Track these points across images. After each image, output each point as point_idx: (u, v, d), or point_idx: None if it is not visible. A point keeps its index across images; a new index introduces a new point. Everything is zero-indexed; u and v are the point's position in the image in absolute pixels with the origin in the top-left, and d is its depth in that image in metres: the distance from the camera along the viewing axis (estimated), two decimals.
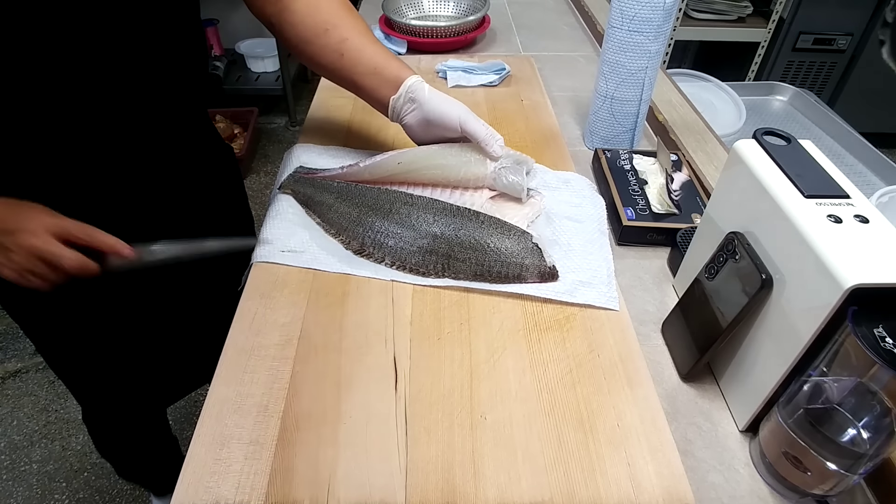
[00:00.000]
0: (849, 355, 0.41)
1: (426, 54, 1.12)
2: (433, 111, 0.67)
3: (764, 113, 1.43)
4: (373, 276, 0.62)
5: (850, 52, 2.19)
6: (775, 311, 0.47)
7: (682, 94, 1.02)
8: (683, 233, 0.68)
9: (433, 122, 0.67)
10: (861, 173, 1.22)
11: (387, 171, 0.71)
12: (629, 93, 0.81)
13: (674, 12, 0.77)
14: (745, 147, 0.53)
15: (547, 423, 0.49)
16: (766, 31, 2.15)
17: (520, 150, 0.83)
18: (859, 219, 0.45)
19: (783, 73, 2.23)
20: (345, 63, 0.69)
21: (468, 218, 0.65)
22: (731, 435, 0.53)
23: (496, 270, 0.61)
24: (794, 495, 0.48)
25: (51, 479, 1.37)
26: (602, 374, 0.53)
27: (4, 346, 1.65)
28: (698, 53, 2.54)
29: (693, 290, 0.57)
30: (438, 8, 1.27)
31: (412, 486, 0.45)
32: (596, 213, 0.70)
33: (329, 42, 0.69)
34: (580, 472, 0.46)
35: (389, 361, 0.54)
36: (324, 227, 0.68)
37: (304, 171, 0.76)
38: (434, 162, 0.69)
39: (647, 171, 0.78)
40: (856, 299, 0.40)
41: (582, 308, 0.60)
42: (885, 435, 0.42)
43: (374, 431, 0.49)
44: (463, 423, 0.49)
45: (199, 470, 0.46)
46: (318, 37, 0.69)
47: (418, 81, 0.68)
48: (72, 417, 1.49)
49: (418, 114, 0.68)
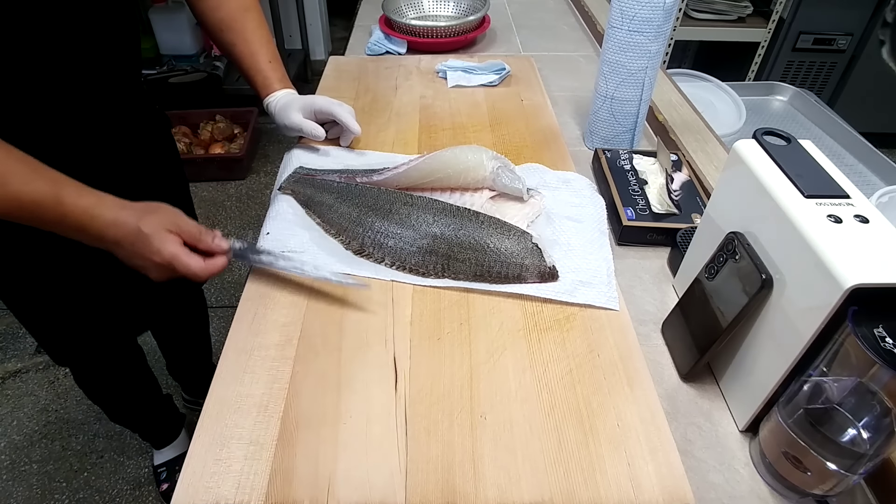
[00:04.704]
0: (849, 355, 0.41)
1: (426, 54, 1.12)
2: (282, 123, 0.80)
3: (764, 113, 1.43)
4: (373, 277, 0.62)
5: (850, 52, 2.18)
6: (775, 311, 0.47)
7: (682, 94, 1.02)
8: (683, 233, 0.68)
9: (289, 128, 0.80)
10: (861, 173, 1.21)
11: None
12: (629, 93, 0.81)
13: (674, 12, 0.77)
14: (745, 147, 0.53)
15: (547, 423, 0.49)
16: (766, 31, 2.15)
17: (520, 150, 0.83)
18: (859, 219, 0.45)
19: (783, 73, 2.23)
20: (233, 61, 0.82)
21: (468, 218, 0.65)
22: (731, 435, 0.53)
23: (496, 271, 0.61)
24: (794, 495, 0.48)
25: (51, 479, 1.37)
26: (602, 374, 0.53)
27: (4, 346, 1.65)
28: (698, 53, 2.54)
29: (693, 290, 0.57)
30: (438, 8, 1.27)
31: (412, 486, 0.45)
32: (596, 213, 0.70)
33: (222, 41, 0.81)
34: (580, 472, 0.46)
35: (389, 361, 0.54)
36: (324, 227, 0.68)
37: (304, 171, 0.76)
38: (435, 177, 0.70)
39: (647, 171, 0.78)
40: (856, 299, 0.40)
41: (582, 308, 0.60)
42: (885, 435, 0.42)
43: (374, 431, 0.49)
44: (463, 423, 0.49)
45: (199, 470, 0.46)
46: (215, 33, 0.80)
47: (274, 101, 0.81)
48: (72, 417, 1.49)
49: (278, 120, 0.81)
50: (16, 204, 0.53)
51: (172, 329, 1.27)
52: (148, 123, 0.85)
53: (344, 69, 1.03)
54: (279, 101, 0.80)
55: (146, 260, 0.58)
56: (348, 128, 0.79)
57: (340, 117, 0.78)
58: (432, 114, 0.91)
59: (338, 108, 0.79)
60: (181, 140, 2.21)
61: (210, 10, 0.79)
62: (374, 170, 0.74)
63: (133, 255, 0.58)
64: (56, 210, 0.55)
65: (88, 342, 0.96)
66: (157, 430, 1.30)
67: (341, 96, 0.88)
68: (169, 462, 1.33)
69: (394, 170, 0.72)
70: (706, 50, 2.47)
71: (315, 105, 0.79)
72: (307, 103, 0.79)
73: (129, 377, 1.12)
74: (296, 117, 0.78)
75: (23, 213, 0.54)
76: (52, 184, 0.55)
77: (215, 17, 0.79)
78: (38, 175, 0.55)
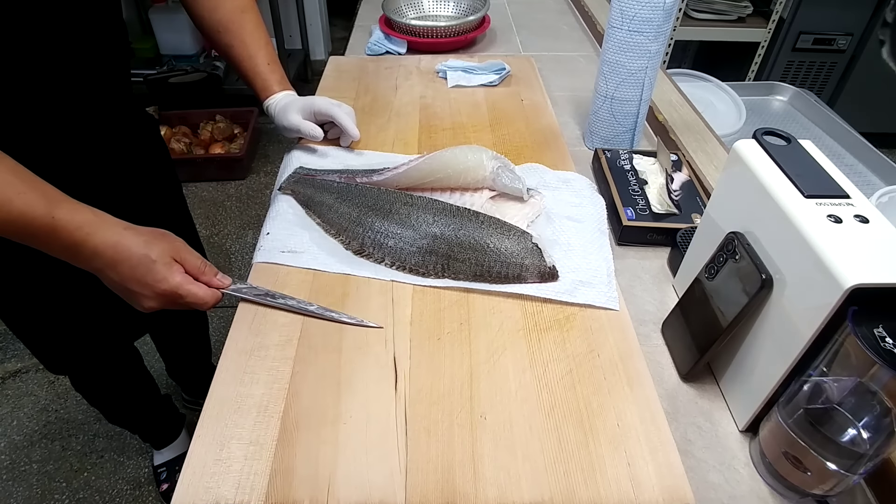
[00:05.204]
0: (849, 355, 0.41)
1: (426, 54, 1.12)
2: (281, 124, 0.80)
3: (764, 113, 1.43)
4: (373, 277, 0.62)
5: (850, 52, 2.18)
6: (775, 311, 0.47)
7: (682, 94, 1.02)
8: (683, 233, 0.68)
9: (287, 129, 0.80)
10: (861, 173, 1.21)
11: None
12: (629, 93, 0.81)
13: (674, 12, 0.77)
14: (745, 147, 0.53)
15: (547, 423, 0.49)
16: (766, 31, 2.15)
17: (519, 150, 0.83)
18: (859, 219, 0.45)
19: (783, 73, 2.23)
20: (230, 63, 0.82)
21: (468, 218, 0.65)
22: (731, 435, 0.53)
23: (496, 271, 0.61)
24: (794, 495, 0.48)
25: (51, 479, 1.37)
26: (602, 374, 0.53)
27: (4, 346, 1.65)
28: (698, 53, 2.54)
29: (693, 290, 0.57)
30: (438, 8, 1.27)
31: (412, 486, 0.45)
32: (596, 212, 0.70)
33: (220, 43, 0.80)
34: (580, 472, 0.46)
35: (389, 361, 0.54)
36: (324, 227, 0.68)
37: (304, 171, 0.76)
38: (435, 177, 0.70)
39: (647, 171, 0.78)
40: (856, 299, 0.40)
41: (582, 308, 0.60)
42: (885, 435, 0.42)
43: (374, 431, 0.49)
44: (463, 423, 0.49)
45: (199, 470, 0.46)
46: (212, 35, 0.80)
47: (273, 102, 0.80)
48: (72, 417, 1.49)
49: (277, 121, 0.81)
50: (3, 216, 0.51)
51: (171, 333, 1.27)
52: (136, 125, 0.85)
53: (344, 69, 1.03)
54: (279, 103, 0.80)
55: (147, 287, 0.56)
56: (347, 132, 0.79)
57: (339, 120, 0.78)
58: (432, 114, 0.91)
59: (337, 110, 0.78)
60: (181, 140, 2.21)
61: (207, 12, 0.78)
62: (374, 170, 0.74)
63: (130, 280, 0.56)
64: (48, 225, 0.52)
65: (84, 351, 0.95)
66: (157, 430, 1.30)
67: (341, 96, 0.88)
68: (169, 462, 1.33)
69: (394, 170, 0.72)
70: (706, 50, 2.47)
71: (314, 106, 0.78)
72: (307, 104, 0.79)
73: (126, 381, 1.12)
74: (294, 118, 0.78)
75: (11, 226, 0.52)
76: (45, 198, 0.53)
77: (212, 19, 0.78)
78: (31, 188, 0.52)
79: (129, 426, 1.25)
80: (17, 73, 0.61)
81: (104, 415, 1.16)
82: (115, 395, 1.12)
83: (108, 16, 0.70)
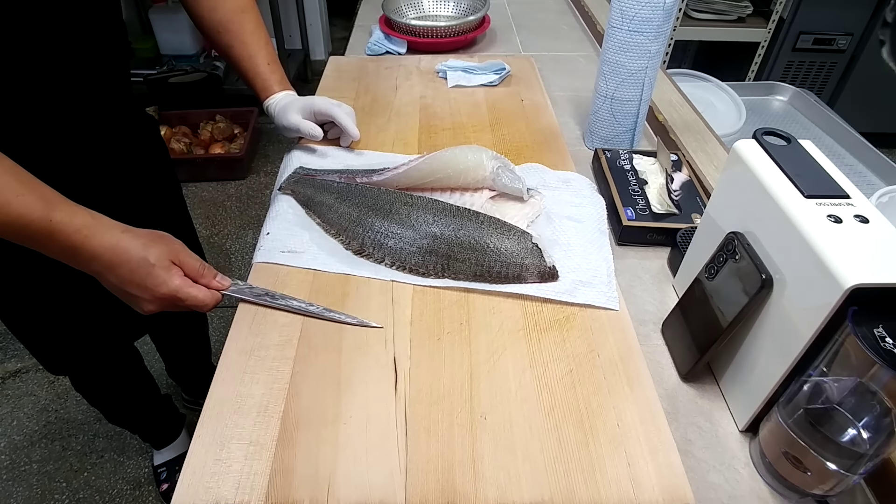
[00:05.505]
0: (849, 355, 0.41)
1: (426, 54, 1.12)
2: (281, 124, 0.80)
3: (764, 113, 1.43)
4: (373, 277, 0.62)
5: (850, 52, 2.18)
6: (775, 311, 0.47)
7: (682, 94, 1.02)
8: (683, 233, 0.68)
9: (287, 129, 0.80)
10: (861, 173, 1.22)
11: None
12: (629, 93, 0.81)
13: (674, 12, 0.77)
14: (745, 147, 0.53)
15: (547, 423, 0.49)
16: (766, 31, 2.15)
17: (520, 150, 0.83)
18: (859, 219, 0.45)
19: (783, 73, 2.23)
20: (230, 63, 0.82)
21: (468, 218, 0.65)
22: (731, 435, 0.53)
23: (496, 271, 0.61)
24: (794, 495, 0.48)
25: (51, 479, 1.37)
26: (602, 374, 0.53)
27: (4, 346, 1.65)
28: (698, 53, 2.54)
29: (693, 290, 0.57)
30: (438, 8, 1.27)
31: (412, 486, 0.45)
32: (596, 212, 0.70)
33: (220, 44, 0.80)
34: (580, 472, 0.46)
35: (389, 361, 0.54)
36: (324, 227, 0.68)
37: (304, 171, 0.76)
38: (435, 177, 0.70)
39: (647, 171, 0.78)
40: (856, 299, 0.40)
41: (582, 308, 0.60)
42: (885, 435, 0.42)
43: (373, 431, 0.49)
44: (463, 423, 0.49)
45: (199, 470, 0.46)
46: (212, 36, 0.80)
47: (273, 103, 0.80)
48: (72, 417, 1.49)
49: (277, 121, 0.81)
50: (1, 218, 0.50)
51: (171, 333, 1.27)
52: (136, 126, 0.85)
53: (344, 69, 1.03)
54: (279, 103, 0.80)
55: (146, 290, 0.56)
56: (347, 132, 0.79)
57: (339, 120, 0.78)
58: (432, 114, 0.91)
59: (337, 110, 0.78)
60: (181, 140, 2.21)
61: (207, 13, 0.78)
62: (374, 170, 0.74)
63: (128, 283, 0.55)
64: (45, 227, 0.52)
65: (84, 351, 0.95)
66: (157, 430, 1.30)
67: (341, 96, 0.88)
68: (169, 462, 1.33)
69: (394, 170, 0.72)
70: (706, 50, 2.47)
71: (314, 106, 0.78)
72: (307, 104, 0.79)
73: (126, 381, 1.12)
74: (294, 118, 0.78)
75: (9, 229, 0.51)
76: (43, 200, 0.52)
77: (212, 20, 0.79)
78: (30, 189, 0.52)
79: (129, 426, 1.25)
80: (16, 74, 0.61)
81: (104, 415, 1.16)
82: (115, 396, 1.12)
83: (108, 16, 0.70)
